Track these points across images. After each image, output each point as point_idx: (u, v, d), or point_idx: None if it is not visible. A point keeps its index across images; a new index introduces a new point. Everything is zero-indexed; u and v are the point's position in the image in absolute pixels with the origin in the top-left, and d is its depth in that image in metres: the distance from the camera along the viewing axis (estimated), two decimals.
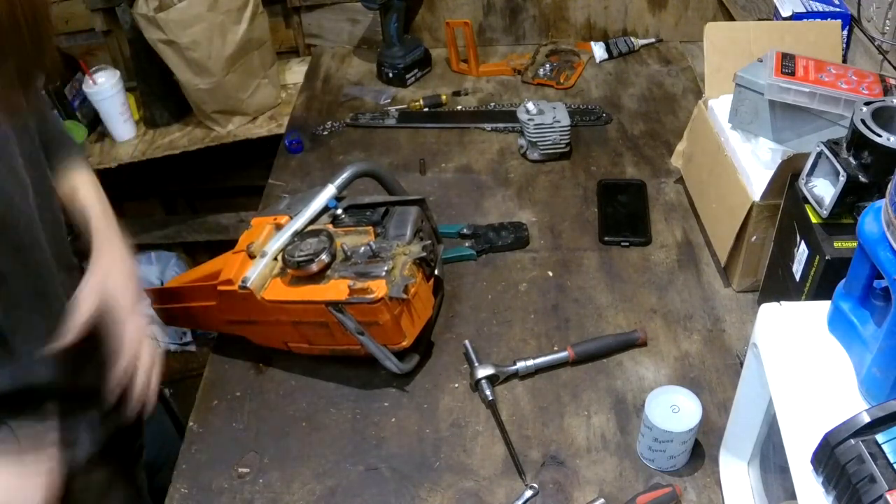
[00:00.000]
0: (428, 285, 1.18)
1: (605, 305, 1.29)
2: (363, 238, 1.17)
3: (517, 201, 1.53)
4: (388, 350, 1.13)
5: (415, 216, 1.18)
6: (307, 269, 1.11)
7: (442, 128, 1.75)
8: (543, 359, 1.19)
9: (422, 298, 1.14)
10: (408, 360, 1.17)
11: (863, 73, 1.19)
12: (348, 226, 1.20)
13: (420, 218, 1.20)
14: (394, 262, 1.11)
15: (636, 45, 1.97)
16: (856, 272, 0.77)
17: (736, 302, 1.29)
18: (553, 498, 1.03)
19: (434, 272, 1.21)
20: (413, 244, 1.15)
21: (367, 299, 1.06)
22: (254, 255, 1.16)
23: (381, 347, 1.12)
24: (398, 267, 1.11)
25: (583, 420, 1.12)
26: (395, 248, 1.13)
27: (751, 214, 1.19)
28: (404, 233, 1.15)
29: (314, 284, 1.11)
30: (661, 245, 1.40)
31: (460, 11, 2.00)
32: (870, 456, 0.62)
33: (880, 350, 0.72)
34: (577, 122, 1.70)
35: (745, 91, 1.24)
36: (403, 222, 1.17)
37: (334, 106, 1.87)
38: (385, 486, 1.06)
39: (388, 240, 1.15)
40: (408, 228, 1.16)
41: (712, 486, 1.03)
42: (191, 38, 1.77)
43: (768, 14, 1.59)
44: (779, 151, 1.22)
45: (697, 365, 1.19)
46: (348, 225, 1.20)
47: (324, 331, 1.13)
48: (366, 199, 1.25)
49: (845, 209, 0.99)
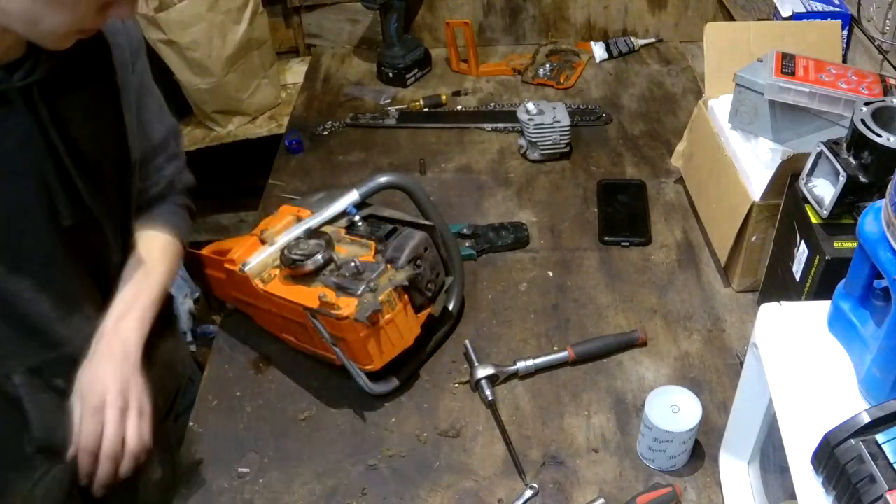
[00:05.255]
0: (412, 315, 1.13)
1: (605, 305, 1.29)
2: (362, 251, 1.15)
3: (517, 201, 1.53)
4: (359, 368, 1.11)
5: (416, 242, 1.13)
6: (297, 268, 1.10)
7: (442, 128, 1.75)
8: (543, 359, 1.19)
9: (398, 327, 1.10)
10: (383, 382, 1.15)
11: (863, 73, 1.19)
12: (359, 235, 1.17)
13: (423, 245, 1.15)
14: (377, 283, 1.08)
15: (636, 45, 1.97)
16: (856, 272, 0.77)
17: (736, 302, 1.29)
18: (553, 498, 1.03)
19: (430, 302, 1.17)
20: (402, 270, 1.10)
21: (332, 314, 1.04)
22: (264, 242, 1.16)
23: (352, 363, 1.10)
24: (378, 290, 1.07)
25: (583, 420, 1.12)
26: (384, 271, 1.10)
27: (751, 214, 1.19)
28: (399, 256, 1.11)
29: (302, 285, 1.11)
30: (661, 245, 1.40)
31: (460, 11, 2.00)
32: (870, 456, 0.62)
33: (880, 350, 0.72)
34: (577, 122, 1.70)
35: (745, 91, 1.24)
36: (403, 246, 1.13)
37: (334, 106, 1.87)
38: (385, 486, 1.06)
39: (383, 260, 1.12)
40: (404, 253, 1.12)
41: (712, 486, 1.03)
42: (191, 38, 1.77)
43: (768, 14, 1.59)
44: (779, 151, 1.22)
45: (697, 365, 1.19)
46: (360, 234, 1.18)
47: (305, 332, 1.13)
48: (385, 212, 1.21)
49: (845, 209, 0.99)
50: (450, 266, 1.24)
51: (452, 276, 1.25)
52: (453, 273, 1.24)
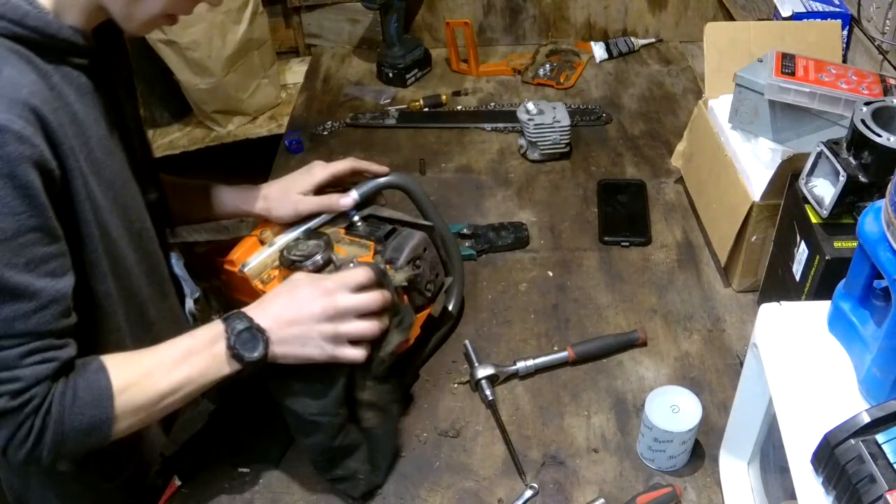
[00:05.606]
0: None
1: (605, 305, 1.29)
2: (361, 252, 1.14)
3: (517, 201, 1.53)
4: None
5: (415, 242, 1.13)
6: (297, 268, 1.10)
7: (442, 128, 1.75)
8: (543, 359, 1.19)
9: None
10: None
11: (863, 73, 1.19)
12: (358, 235, 1.17)
13: (422, 245, 1.14)
14: None
15: (636, 45, 1.97)
16: (856, 272, 0.77)
17: (736, 302, 1.29)
18: (553, 498, 1.03)
19: (430, 302, 1.17)
20: (401, 271, 1.10)
21: None
22: (263, 242, 1.16)
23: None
24: None
25: (583, 420, 1.12)
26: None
27: (751, 214, 1.19)
28: (398, 257, 1.11)
29: None
30: (661, 245, 1.40)
31: (460, 11, 2.00)
32: (870, 456, 0.62)
33: (880, 350, 0.72)
34: (577, 122, 1.70)
35: (745, 91, 1.24)
36: (402, 246, 1.12)
37: (334, 106, 1.87)
38: (385, 486, 1.06)
39: (382, 260, 1.11)
40: (403, 253, 1.11)
41: (712, 486, 1.03)
42: (191, 38, 1.77)
43: (768, 14, 1.59)
44: (779, 151, 1.22)
45: (697, 365, 1.19)
46: (359, 234, 1.17)
47: None
48: (384, 213, 1.21)
49: (845, 209, 0.99)
50: (450, 266, 1.24)
51: (452, 276, 1.24)
52: (453, 273, 1.24)
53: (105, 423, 0.85)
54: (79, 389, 0.83)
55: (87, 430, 0.84)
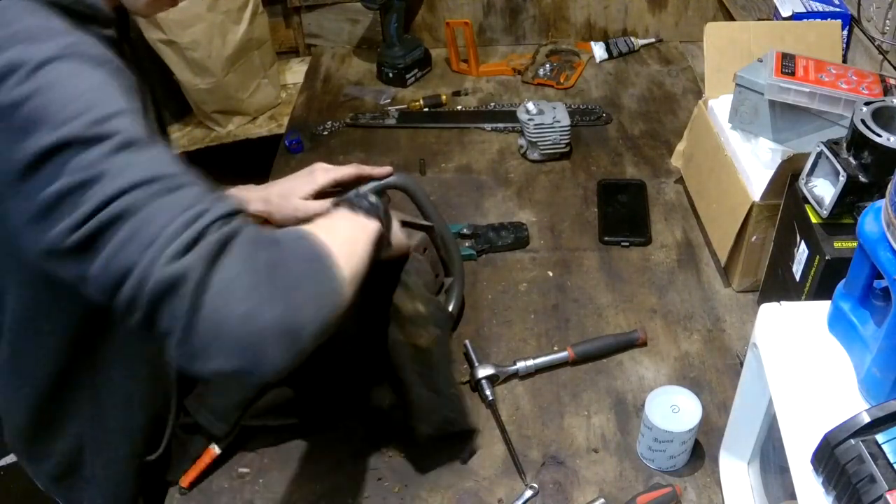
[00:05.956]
0: None
1: (605, 305, 1.29)
2: None
3: (517, 201, 1.53)
4: None
5: (415, 242, 1.13)
6: None
7: (442, 128, 1.75)
8: (543, 359, 1.19)
9: None
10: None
11: (863, 73, 1.19)
12: None
13: (423, 245, 1.15)
14: None
15: (636, 45, 1.97)
16: (856, 272, 0.77)
17: (736, 302, 1.29)
18: (553, 498, 1.03)
19: None
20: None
21: None
22: None
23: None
24: None
25: (583, 420, 1.12)
26: None
27: (751, 214, 1.19)
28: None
29: None
30: (661, 245, 1.40)
31: (460, 11, 2.00)
32: (870, 456, 0.62)
33: (880, 350, 0.72)
34: (577, 122, 1.70)
35: (745, 91, 1.24)
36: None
37: (334, 106, 1.87)
38: (385, 486, 1.06)
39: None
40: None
41: (712, 486, 1.03)
42: (191, 38, 1.77)
43: (768, 14, 1.59)
44: (779, 151, 1.22)
45: (697, 365, 1.19)
46: None
47: None
48: None
49: (845, 209, 0.99)
50: (450, 266, 1.24)
51: (452, 276, 1.24)
52: (453, 273, 1.24)
53: (328, 256, 0.74)
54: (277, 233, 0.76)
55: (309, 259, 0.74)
